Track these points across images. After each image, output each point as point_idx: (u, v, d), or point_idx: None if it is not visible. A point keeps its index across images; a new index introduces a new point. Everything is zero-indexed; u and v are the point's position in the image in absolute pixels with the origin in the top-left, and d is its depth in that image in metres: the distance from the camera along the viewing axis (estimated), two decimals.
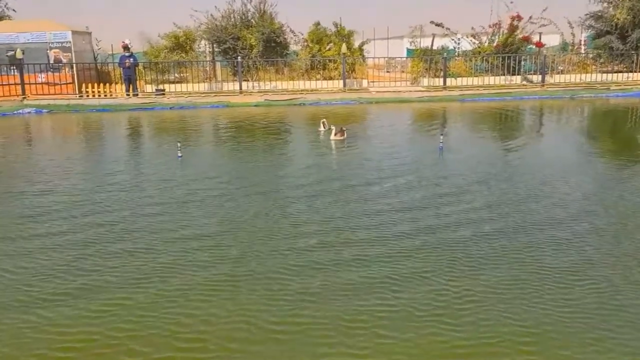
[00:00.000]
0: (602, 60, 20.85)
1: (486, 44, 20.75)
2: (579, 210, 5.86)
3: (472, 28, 20.99)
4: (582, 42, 22.81)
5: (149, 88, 19.11)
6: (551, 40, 22.31)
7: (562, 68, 20.55)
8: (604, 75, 20.08)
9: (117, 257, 4.79)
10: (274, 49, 20.20)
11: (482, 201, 6.25)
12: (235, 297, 4.00)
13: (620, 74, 20.06)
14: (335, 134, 10.21)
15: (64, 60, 18.45)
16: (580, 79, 19.74)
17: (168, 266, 4.58)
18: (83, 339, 3.49)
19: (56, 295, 4.07)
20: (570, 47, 22.22)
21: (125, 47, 18.28)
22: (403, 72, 22.13)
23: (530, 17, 20.19)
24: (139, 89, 18.68)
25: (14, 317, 3.79)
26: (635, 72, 20.01)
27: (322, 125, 11.01)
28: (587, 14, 21.02)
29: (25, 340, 3.50)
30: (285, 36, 20.69)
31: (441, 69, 19.61)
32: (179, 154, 9.02)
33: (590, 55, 21.27)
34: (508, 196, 6.44)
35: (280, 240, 5.13)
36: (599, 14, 20.82)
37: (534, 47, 20.77)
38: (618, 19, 19.95)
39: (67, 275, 4.42)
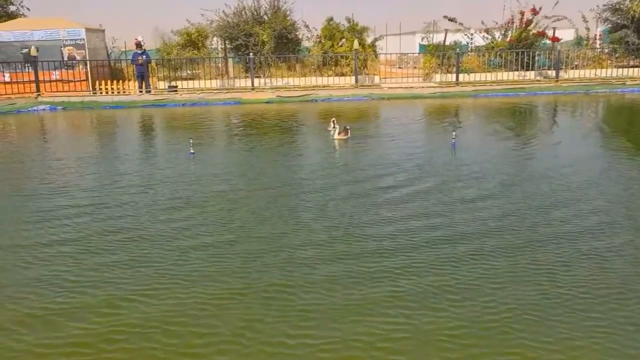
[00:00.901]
0: (617, 55, 20.58)
1: (499, 39, 20.58)
2: (599, 215, 5.62)
3: (482, 22, 20.90)
4: (598, 37, 22.54)
5: (162, 85, 19.21)
6: (565, 35, 22.06)
7: (576, 63, 20.32)
8: (620, 70, 19.81)
9: (116, 261, 4.68)
10: (286, 45, 20.19)
11: (495, 205, 6.06)
12: (236, 308, 3.84)
13: (636, 69, 19.78)
14: (339, 133, 10.13)
15: (78, 58, 18.58)
16: (595, 74, 19.50)
17: (171, 269, 4.52)
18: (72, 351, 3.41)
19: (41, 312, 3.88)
20: (585, 42, 21.96)
21: (138, 45, 18.39)
22: (415, 68, 22.02)
23: (540, 8, 19.98)
24: (151, 86, 18.78)
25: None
26: None
27: (332, 124, 10.96)
28: (604, 5, 20.76)
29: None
30: (298, 32, 20.69)
31: (454, 65, 19.48)
32: (191, 151, 9.06)
33: (606, 50, 20.99)
34: (525, 200, 6.19)
35: (286, 243, 5.02)
36: (616, 5, 20.53)
37: (548, 41, 20.56)
38: (635, 12, 19.66)
39: (57, 288, 4.24)
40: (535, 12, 19.86)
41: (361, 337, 3.41)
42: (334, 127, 10.30)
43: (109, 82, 18.66)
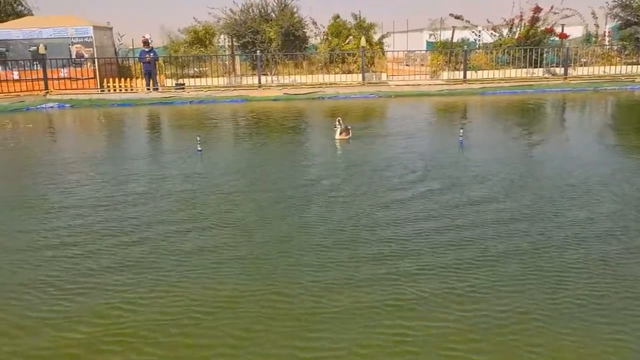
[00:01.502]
0: (627, 52, 20.42)
1: (507, 37, 20.47)
2: (611, 217, 5.49)
3: (488, 21, 20.82)
4: (607, 34, 22.36)
5: (169, 82, 19.26)
6: (574, 32, 21.91)
7: (585, 60, 20.17)
8: (629, 67, 19.66)
9: (112, 265, 4.56)
10: (293, 42, 20.18)
11: (503, 207, 5.94)
12: (236, 316, 3.72)
13: None
14: (341, 133, 10.07)
15: (86, 55, 18.67)
16: (604, 71, 19.35)
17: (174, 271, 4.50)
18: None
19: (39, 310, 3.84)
20: (594, 39, 21.79)
21: (146, 42, 18.43)
22: (423, 65, 21.95)
23: (552, 8, 19.83)
24: (159, 84, 18.83)
25: None
26: None
27: (337, 123, 10.94)
28: (614, 1, 20.57)
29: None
30: (305, 29, 20.66)
31: (461, 62, 19.40)
32: (199, 148, 9.08)
33: (615, 47, 20.83)
34: (534, 202, 6.07)
35: (289, 247, 4.96)
36: (626, 2, 20.35)
37: (556, 38, 20.42)
38: None
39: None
40: (538, 10, 19.71)
41: (365, 348, 3.30)
42: (335, 127, 10.28)
43: (116, 79, 18.72)
